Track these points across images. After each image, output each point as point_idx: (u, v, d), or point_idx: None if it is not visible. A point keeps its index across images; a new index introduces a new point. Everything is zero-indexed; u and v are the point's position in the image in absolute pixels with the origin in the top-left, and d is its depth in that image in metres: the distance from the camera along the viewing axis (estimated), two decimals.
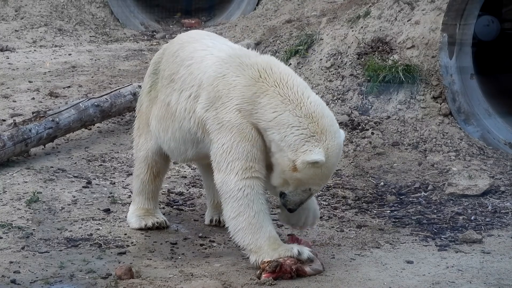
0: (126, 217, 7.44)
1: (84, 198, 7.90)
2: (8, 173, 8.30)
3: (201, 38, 6.99)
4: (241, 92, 6.37)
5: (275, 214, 7.25)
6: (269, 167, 6.46)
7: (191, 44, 6.91)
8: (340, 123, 9.64)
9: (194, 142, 6.75)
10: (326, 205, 8.17)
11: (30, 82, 11.63)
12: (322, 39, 10.87)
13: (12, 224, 7.19)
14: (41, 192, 7.88)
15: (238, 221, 6.36)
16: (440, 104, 9.83)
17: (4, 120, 9.81)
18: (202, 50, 6.77)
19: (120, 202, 7.89)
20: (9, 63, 12.83)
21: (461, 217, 7.93)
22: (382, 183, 8.75)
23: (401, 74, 9.93)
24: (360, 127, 9.72)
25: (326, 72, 10.46)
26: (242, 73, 6.42)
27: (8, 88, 11.26)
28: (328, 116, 6.30)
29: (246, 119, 6.34)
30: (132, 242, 7.03)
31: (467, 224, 7.74)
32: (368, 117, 9.87)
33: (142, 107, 7.33)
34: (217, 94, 6.45)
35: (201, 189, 8.27)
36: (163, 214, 7.53)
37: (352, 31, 10.70)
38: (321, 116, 6.24)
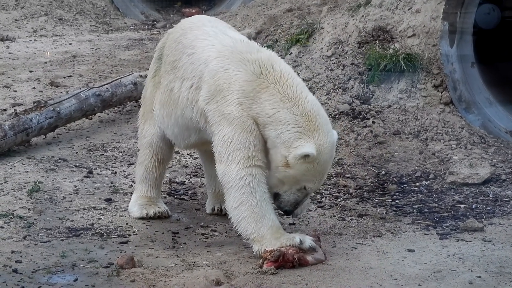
0: (127, 206, 7.45)
1: (85, 188, 7.90)
2: (9, 162, 8.31)
3: (202, 25, 7.00)
4: (242, 87, 6.42)
5: None
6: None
7: (193, 32, 6.94)
8: (341, 112, 9.66)
9: (196, 129, 6.80)
10: (327, 194, 8.17)
11: (30, 71, 11.62)
12: (323, 28, 10.85)
13: (13, 213, 7.20)
14: (42, 182, 7.88)
15: (241, 210, 6.37)
16: (441, 92, 9.83)
17: (5, 110, 9.81)
18: (203, 39, 6.79)
19: (122, 191, 7.89)
20: (10, 53, 12.82)
21: (462, 206, 7.93)
22: (383, 172, 8.75)
23: (402, 63, 9.91)
24: (361, 116, 9.72)
25: (327, 61, 10.45)
26: (244, 68, 6.46)
27: (9, 77, 11.25)
28: (323, 116, 6.42)
29: (247, 112, 6.39)
30: (133, 232, 7.04)
31: (468, 213, 7.75)
32: (369, 106, 9.86)
33: (146, 93, 7.37)
34: (218, 87, 6.49)
35: (202, 178, 8.27)
36: (165, 203, 7.53)
37: (353, 19, 10.69)
38: (317, 115, 6.34)
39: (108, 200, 7.67)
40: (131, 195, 7.54)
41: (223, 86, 6.47)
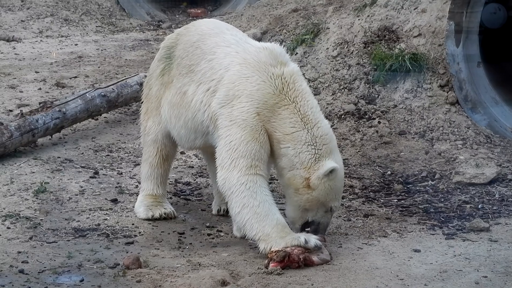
0: (133, 207, 7.46)
1: (91, 188, 7.91)
2: (15, 163, 8.32)
3: (221, 32, 7.00)
4: (264, 98, 6.45)
5: (282, 204, 7.25)
6: None
7: (212, 38, 6.94)
8: (347, 112, 9.67)
9: (204, 133, 6.80)
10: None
11: (36, 72, 11.64)
12: (329, 28, 10.85)
13: (19, 214, 7.22)
14: (48, 183, 7.89)
15: (243, 214, 6.38)
16: (447, 92, 9.81)
17: (11, 111, 9.82)
18: (226, 46, 6.80)
19: (128, 192, 7.90)
20: (16, 54, 12.84)
21: (468, 206, 7.92)
22: (389, 172, 8.75)
23: (407, 63, 9.90)
24: (366, 116, 9.71)
25: (332, 61, 10.44)
26: (269, 80, 6.50)
27: (15, 78, 11.27)
28: (335, 140, 6.58)
29: (262, 123, 6.42)
30: (139, 232, 7.04)
31: (474, 213, 7.74)
32: (374, 106, 9.85)
33: (151, 91, 7.34)
34: (236, 93, 6.50)
35: (208, 179, 8.28)
36: (171, 204, 7.54)
37: (359, 19, 10.68)
38: (331, 139, 6.50)
39: (114, 201, 7.68)
40: (137, 195, 7.55)
41: (243, 92, 6.49)
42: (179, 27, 7.68)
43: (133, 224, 7.20)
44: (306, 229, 6.52)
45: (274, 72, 6.52)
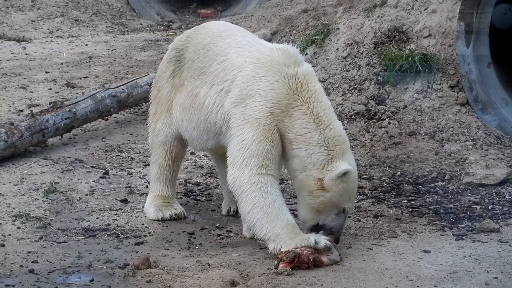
0: (143, 207, 7.47)
1: (101, 189, 7.92)
2: (25, 163, 8.34)
3: (232, 33, 7.01)
4: (278, 98, 6.44)
5: (292, 204, 7.25)
6: None
7: (224, 40, 6.94)
8: (357, 113, 9.66)
9: (216, 134, 6.80)
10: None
11: (47, 72, 11.67)
12: (339, 29, 10.84)
13: (30, 214, 7.23)
14: (58, 183, 7.91)
15: (253, 213, 6.37)
16: (457, 93, 9.80)
17: (21, 111, 9.85)
18: (238, 47, 6.80)
19: (137, 192, 7.91)
20: (26, 54, 12.88)
21: (478, 207, 7.91)
22: (398, 173, 8.74)
23: (417, 63, 9.89)
24: (376, 117, 9.70)
25: (342, 61, 10.44)
26: (282, 80, 6.49)
27: (25, 78, 11.30)
28: (347, 141, 6.54)
29: (275, 123, 6.42)
30: (149, 232, 7.05)
31: (484, 214, 7.72)
32: (384, 107, 9.84)
33: (161, 93, 7.32)
34: (250, 92, 6.50)
35: (217, 179, 8.28)
36: (180, 204, 7.54)
37: (369, 20, 10.67)
38: (344, 140, 6.47)
39: (124, 201, 7.69)
40: (147, 195, 7.55)
41: (257, 91, 6.48)
42: (189, 28, 7.69)
43: (143, 224, 7.21)
44: (320, 232, 6.50)
45: (288, 72, 6.52)
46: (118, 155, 8.91)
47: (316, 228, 6.51)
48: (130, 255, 6.51)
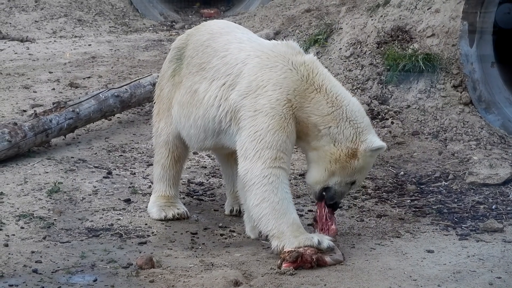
0: (146, 207, 7.47)
1: (104, 189, 7.93)
2: (29, 163, 8.35)
3: (232, 31, 7.04)
4: (295, 85, 6.47)
5: (297, 204, 7.25)
6: None
7: (223, 36, 6.95)
8: None
9: (215, 132, 6.77)
10: (346, 195, 8.16)
11: (50, 72, 11.68)
12: (342, 29, 10.84)
13: (33, 214, 7.24)
14: (62, 183, 7.91)
15: (262, 207, 6.37)
16: (461, 92, 9.79)
17: (25, 111, 9.86)
18: (238, 43, 6.82)
19: (141, 192, 7.91)
20: (29, 54, 12.89)
21: (482, 206, 7.90)
22: (402, 173, 8.73)
23: (421, 63, 9.89)
24: (380, 117, 9.70)
25: (345, 61, 10.43)
26: (294, 68, 6.52)
27: (29, 78, 11.32)
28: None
29: (292, 111, 6.42)
30: (152, 232, 7.05)
31: (488, 213, 7.71)
32: (388, 107, 9.84)
33: (163, 92, 7.34)
34: (261, 83, 6.49)
35: (221, 179, 8.28)
36: (184, 204, 7.54)
37: (372, 20, 10.67)
38: (364, 113, 6.61)
39: (127, 201, 7.70)
40: (150, 195, 7.55)
41: (268, 82, 6.47)
42: (192, 27, 7.68)
43: (146, 224, 7.22)
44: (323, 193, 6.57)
45: (296, 60, 6.56)
46: (121, 155, 8.92)
47: (321, 195, 6.55)
48: (134, 255, 6.51)
